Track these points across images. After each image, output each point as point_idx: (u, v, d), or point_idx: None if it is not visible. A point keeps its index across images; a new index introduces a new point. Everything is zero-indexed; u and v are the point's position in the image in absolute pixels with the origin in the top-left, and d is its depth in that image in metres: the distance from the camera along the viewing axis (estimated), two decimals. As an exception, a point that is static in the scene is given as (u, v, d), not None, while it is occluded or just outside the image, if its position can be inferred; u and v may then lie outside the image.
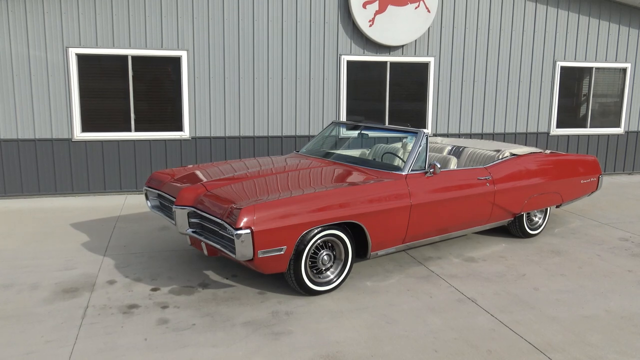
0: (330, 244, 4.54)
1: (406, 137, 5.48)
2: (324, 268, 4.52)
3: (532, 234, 6.22)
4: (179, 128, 8.34)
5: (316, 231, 4.31)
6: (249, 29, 8.33)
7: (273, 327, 3.90)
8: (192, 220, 4.51)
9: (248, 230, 3.91)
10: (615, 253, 5.70)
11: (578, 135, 10.29)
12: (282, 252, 4.12)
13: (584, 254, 5.65)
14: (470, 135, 9.67)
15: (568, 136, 10.24)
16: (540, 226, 6.31)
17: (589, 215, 7.27)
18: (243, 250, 3.94)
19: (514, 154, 6.01)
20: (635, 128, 10.61)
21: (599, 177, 6.71)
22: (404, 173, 4.95)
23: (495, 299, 4.45)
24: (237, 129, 8.56)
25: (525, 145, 9.94)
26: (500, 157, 5.95)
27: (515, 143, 9.90)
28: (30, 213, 7.08)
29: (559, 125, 10.15)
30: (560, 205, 6.46)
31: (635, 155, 10.71)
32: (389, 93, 9.10)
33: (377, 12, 8.61)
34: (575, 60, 9.96)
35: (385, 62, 9.00)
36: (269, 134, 8.70)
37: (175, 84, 8.22)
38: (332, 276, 4.57)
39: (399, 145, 5.98)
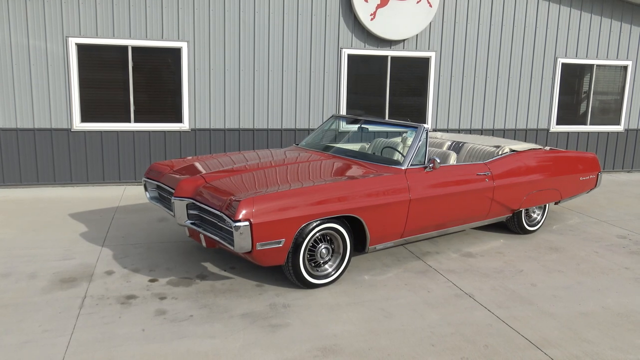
0: (328, 238, 4.55)
1: (406, 132, 5.48)
2: (322, 261, 4.52)
3: (530, 230, 6.23)
4: (179, 119, 8.32)
5: (315, 224, 4.31)
6: (249, 21, 8.30)
7: (271, 320, 3.91)
8: (191, 211, 4.50)
9: (247, 223, 3.91)
10: (613, 250, 5.71)
11: (578, 133, 10.29)
12: (280, 245, 4.12)
13: (582, 251, 5.66)
14: (470, 131, 9.66)
15: (568, 133, 10.24)
16: (538, 223, 6.31)
17: (588, 213, 7.28)
18: (241, 243, 3.94)
19: (513, 150, 6.01)
20: (635, 126, 10.60)
21: (598, 174, 6.72)
22: (403, 167, 4.95)
23: (493, 295, 4.46)
24: (237, 121, 8.54)
25: (525, 141, 9.94)
26: (500, 153, 5.95)
27: (515, 139, 9.90)
28: (29, 203, 7.07)
29: (559, 122, 10.14)
30: (559, 202, 6.47)
31: (635, 153, 10.71)
32: (389, 87, 9.09)
33: (378, 6, 8.58)
34: (576, 57, 9.94)
35: (386, 57, 8.98)
36: (269, 127, 8.69)
37: (176, 75, 8.20)
38: (330, 269, 4.57)
39: (398, 139, 5.98)
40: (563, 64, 9.91)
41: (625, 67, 10.30)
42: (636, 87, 10.47)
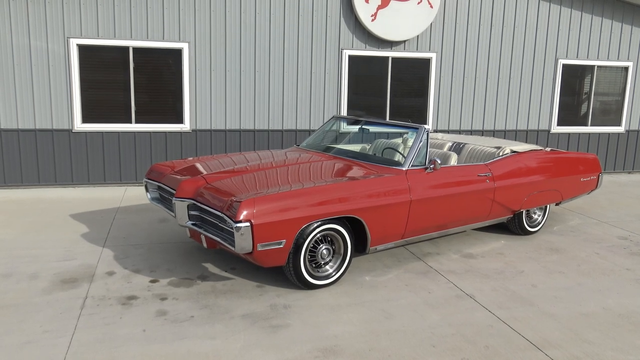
0: (329, 238, 4.55)
1: (407, 133, 5.48)
2: (323, 262, 4.53)
3: (531, 232, 6.22)
4: (180, 120, 8.33)
5: (316, 225, 4.31)
6: (250, 22, 8.31)
7: (271, 320, 3.91)
8: (192, 212, 4.51)
9: (248, 224, 3.91)
10: (613, 251, 5.71)
11: (579, 134, 10.29)
12: (281, 246, 4.12)
13: (583, 252, 5.66)
14: (471, 132, 9.66)
15: (569, 134, 10.23)
16: (539, 224, 6.31)
17: (588, 214, 7.27)
18: (242, 243, 3.94)
19: (514, 151, 6.01)
20: (636, 127, 10.60)
21: (599, 175, 6.71)
22: (404, 168, 4.95)
23: (493, 295, 4.46)
24: (238, 122, 8.55)
25: (526, 142, 9.94)
26: (501, 154, 5.95)
27: (515, 140, 9.90)
28: (30, 203, 7.08)
29: (559, 123, 10.14)
30: (560, 203, 6.46)
31: (636, 154, 10.70)
32: (390, 88, 9.09)
33: (379, 7, 8.59)
34: (577, 58, 9.94)
35: (387, 57, 8.98)
36: (270, 128, 8.70)
37: (176, 76, 8.21)
38: (331, 270, 4.57)
39: (399, 140, 5.98)
40: (564, 65, 9.91)
41: (626, 68, 10.29)
42: (637, 88, 10.47)
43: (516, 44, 9.57)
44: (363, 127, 6.11)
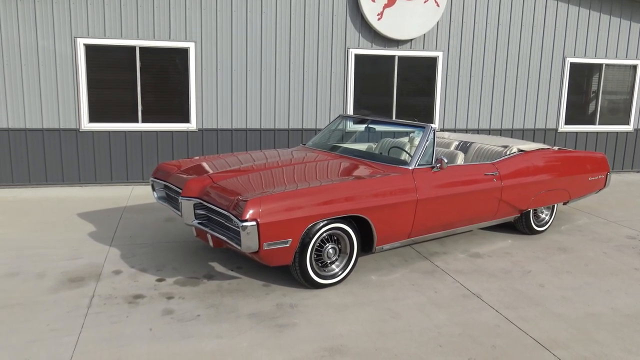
0: (335, 238, 4.54)
1: (413, 132, 5.46)
2: (329, 261, 4.52)
3: (538, 231, 6.19)
4: (186, 120, 8.34)
5: (322, 224, 4.30)
6: (257, 21, 8.31)
7: (277, 320, 3.91)
8: (198, 211, 4.51)
9: (254, 222, 3.91)
10: (621, 251, 5.67)
11: (586, 132, 10.22)
12: (287, 245, 4.12)
13: (591, 252, 5.63)
14: (477, 131, 9.62)
15: (576, 133, 10.17)
16: (546, 223, 6.28)
17: (596, 213, 7.23)
18: (248, 242, 3.94)
19: (521, 150, 5.98)
20: (644, 126, 10.53)
21: (607, 174, 6.67)
22: (410, 167, 4.94)
23: (501, 295, 4.44)
24: (244, 121, 8.55)
25: (533, 141, 9.89)
26: (508, 152, 5.92)
27: (523, 139, 9.85)
28: (37, 202, 7.11)
29: (567, 122, 10.08)
30: (568, 202, 6.42)
31: (644, 153, 10.63)
32: (396, 87, 9.07)
33: (385, 6, 8.56)
34: (585, 56, 9.88)
35: (394, 56, 8.96)
36: (276, 127, 8.70)
37: (183, 76, 8.22)
38: (337, 269, 4.56)
39: (406, 139, 5.96)
40: (572, 64, 9.85)
41: (634, 67, 10.22)
42: (646, 87, 10.39)
43: (523, 42, 9.52)
44: (369, 126, 6.10)
